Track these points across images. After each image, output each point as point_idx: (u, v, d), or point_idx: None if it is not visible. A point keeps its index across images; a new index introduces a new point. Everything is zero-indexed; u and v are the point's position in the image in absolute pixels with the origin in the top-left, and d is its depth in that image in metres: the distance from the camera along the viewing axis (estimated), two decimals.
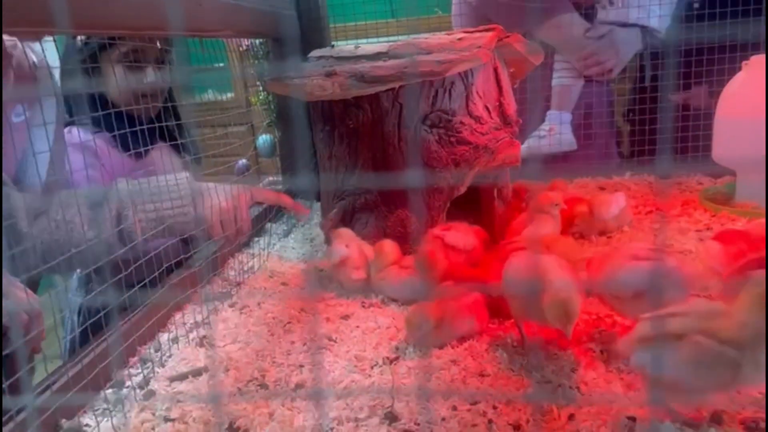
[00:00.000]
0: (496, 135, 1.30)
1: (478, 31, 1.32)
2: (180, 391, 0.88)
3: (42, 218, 1.08)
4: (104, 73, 1.46)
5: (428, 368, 0.89)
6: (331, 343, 0.99)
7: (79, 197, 1.06)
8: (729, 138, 1.47)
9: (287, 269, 1.36)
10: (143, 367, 0.95)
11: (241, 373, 0.92)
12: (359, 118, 1.29)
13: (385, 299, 1.15)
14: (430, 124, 1.26)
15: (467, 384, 0.83)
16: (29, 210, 1.07)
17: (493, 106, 1.34)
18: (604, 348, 0.90)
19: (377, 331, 1.02)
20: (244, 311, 1.15)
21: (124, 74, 1.47)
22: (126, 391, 0.89)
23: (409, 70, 1.17)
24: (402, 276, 1.13)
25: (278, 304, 1.16)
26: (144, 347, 1.02)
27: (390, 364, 0.92)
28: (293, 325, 1.08)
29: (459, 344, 0.95)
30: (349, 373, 0.90)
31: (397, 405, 0.80)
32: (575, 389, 0.80)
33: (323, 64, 1.32)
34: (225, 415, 0.80)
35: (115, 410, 0.84)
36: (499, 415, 0.76)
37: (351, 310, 1.11)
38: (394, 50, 1.26)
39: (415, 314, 0.95)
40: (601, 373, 0.84)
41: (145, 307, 1.06)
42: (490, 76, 1.35)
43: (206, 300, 1.17)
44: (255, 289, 1.25)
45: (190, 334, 1.06)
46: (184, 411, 0.83)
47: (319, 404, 0.82)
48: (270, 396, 0.85)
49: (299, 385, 0.87)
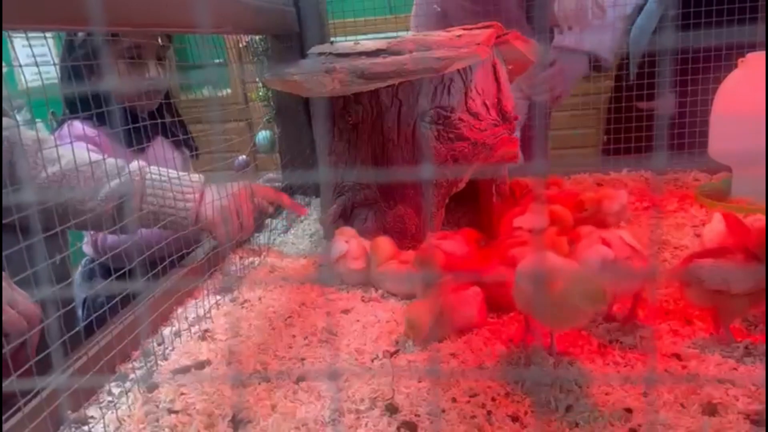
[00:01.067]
0: (494, 131, 1.31)
1: (476, 28, 1.33)
2: (183, 383, 0.90)
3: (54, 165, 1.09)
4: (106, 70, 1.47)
5: (428, 361, 0.90)
6: (331, 337, 1.01)
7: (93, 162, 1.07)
8: (725, 134, 1.49)
9: (287, 264, 1.37)
10: (146, 360, 0.96)
11: (243, 366, 0.93)
12: (359, 115, 1.30)
13: (384, 294, 1.17)
14: (429, 121, 1.27)
15: (467, 376, 0.84)
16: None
17: (491, 103, 1.35)
18: (601, 341, 0.91)
19: (377, 325, 1.04)
20: (245, 305, 1.16)
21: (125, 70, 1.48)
22: (129, 384, 0.90)
23: (408, 67, 1.18)
24: (401, 270, 1.15)
25: (279, 298, 1.18)
26: (147, 341, 1.03)
27: (390, 357, 0.93)
28: (294, 319, 1.09)
29: (458, 338, 0.96)
30: (350, 365, 0.91)
31: (398, 397, 0.81)
32: (573, 382, 0.81)
33: (323, 60, 1.32)
34: (228, 407, 0.82)
35: (119, 402, 0.85)
36: (498, 407, 0.77)
37: (351, 305, 1.13)
38: (393, 47, 1.27)
39: (414, 315, 0.95)
40: (598, 366, 0.85)
41: (148, 300, 1.07)
42: (488, 73, 1.36)
43: (208, 294, 1.18)
44: (256, 283, 1.26)
45: (192, 328, 1.07)
46: (187, 403, 0.84)
47: (321, 396, 0.83)
48: (272, 388, 0.86)
49: (301, 378, 0.89)
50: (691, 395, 0.76)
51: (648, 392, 0.78)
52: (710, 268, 0.85)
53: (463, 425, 0.74)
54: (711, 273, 0.85)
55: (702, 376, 0.80)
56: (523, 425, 0.74)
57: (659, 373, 0.82)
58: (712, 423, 0.71)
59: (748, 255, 0.85)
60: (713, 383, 0.78)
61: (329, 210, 1.36)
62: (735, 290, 0.84)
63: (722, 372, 0.81)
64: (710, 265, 0.86)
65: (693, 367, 0.82)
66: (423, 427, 0.75)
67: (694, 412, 0.73)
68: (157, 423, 0.81)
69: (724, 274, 0.84)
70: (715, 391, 0.76)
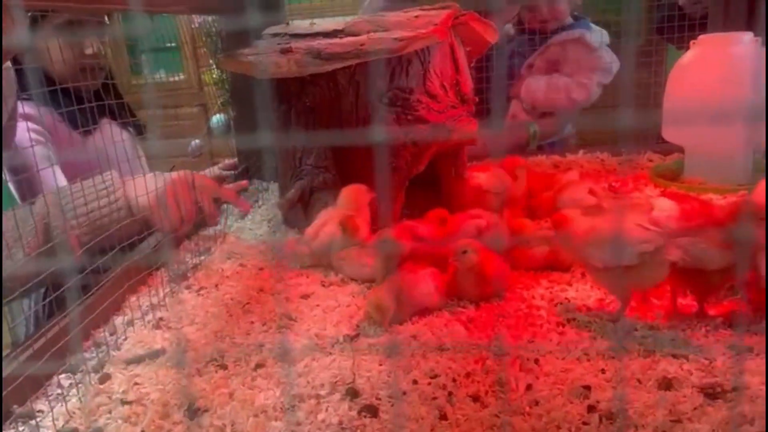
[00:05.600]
0: (452, 113, 1.31)
1: (434, 9, 1.32)
2: (137, 373, 0.87)
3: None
4: (41, 47, 1.39)
5: (389, 344, 0.89)
6: (291, 322, 0.99)
7: (5, 217, 1.01)
8: (678, 116, 1.51)
9: (245, 250, 1.34)
10: (98, 350, 0.93)
11: (200, 354, 0.90)
12: (316, 97, 1.28)
13: (344, 278, 1.15)
14: (387, 102, 1.26)
15: (427, 358, 0.84)
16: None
17: (449, 85, 1.35)
18: (559, 320, 0.92)
19: (338, 309, 1.02)
20: (201, 293, 1.13)
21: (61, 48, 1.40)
22: (80, 375, 0.87)
23: (366, 48, 1.16)
24: (362, 257, 1.13)
25: (236, 285, 1.15)
26: (98, 331, 1.00)
27: (351, 341, 0.92)
28: (252, 305, 1.06)
29: (419, 320, 0.96)
30: (311, 351, 0.89)
31: (359, 381, 0.80)
32: (532, 360, 0.82)
33: (278, 41, 1.29)
34: (184, 396, 0.79)
35: (69, 395, 0.82)
36: (458, 387, 0.77)
37: (311, 290, 1.11)
38: (351, 27, 1.24)
39: (377, 298, 0.95)
40: (556, 344, 0.86)
41: (99, 290, 1.03)
42: (446, 55, 1.35)
43: (162, 282, 1.15)
44: (212, 270, 1.23)
45: (146, 316, 1.04)
46: (141, 393, 0.81)
47: (280, 382, 0.81)
48: (230, 376, 0.84)
49: (259, 365, 0.87)
50: (648, 371, 0.77)
51: (606, 369, 0.79)
52: (687, 246, 0.85)
53: (424, 407, 0.74)
54: (688, 251, 0.85)
55: (657, 351, 0.81)
56: (484, 405, 0.74)
57: (616, 349, 0.83)
58: (667, 397, 0.72)
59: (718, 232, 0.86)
60: (668, 358, 0.79)
61: (287, 194, 1.34)
62: (710, 267, 0.85)
63: (676, 347, 0.82)
64: (687, 243, 0.86)
65: (649, 343, 0.84)
66: (384, 409, 0.74)
67: (651, 387, 0.74)
68: (109, 414, 0.78)
69: (700, 252, 0.85)
70: (670, 366, 0.78)
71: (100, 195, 1.10)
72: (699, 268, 0.85)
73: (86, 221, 1.08)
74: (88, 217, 1.08)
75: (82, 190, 1.09)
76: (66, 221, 1.05)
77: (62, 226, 1.05)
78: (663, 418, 0.69)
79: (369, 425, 0.72)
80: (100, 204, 1.10)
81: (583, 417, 0.70)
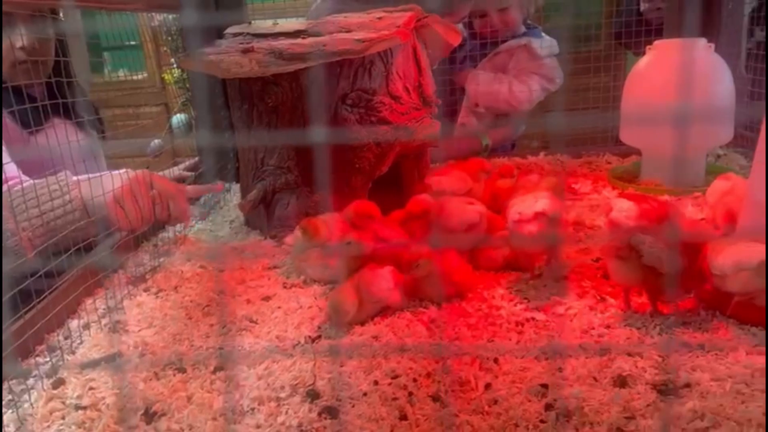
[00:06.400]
0: (415, 115, 1.32)
1: (397, 11, 1.32)
2: (92, 378, 0.85)
3: None
4: None
5: (350, 345, 0.89)
6: (252, 325, 0.98)
7: None
8: (634, 119, 1.55)
9: (205, 252, 1.32)
10: (51, 355, 0.90)
11: (158, 358, 0.89)
12: (278, 97, 1.27)
13: (307, 279, 1.15)
14: (350, 104, 1.26)
15: (388, 359, 0.84)
16: None
17: (412, 86, 1.35)
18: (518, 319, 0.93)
19: (299, 311, 1.02)
20: (159, 295, 1.11)
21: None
22: (33, 380, 0.84)
23: (328, 48, 1.16)
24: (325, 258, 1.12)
25: (196, 287, 1.13)
26: (52, 335, 0.97)
27: (312, 342, 0.91)
28: (212, 307, 1.05)
29: (381, 320, 0.96)
30: (270, 353, 0.89)
31: (319, 383, 0.80)
32: (492, 360, 0.82)
33: (240, 40, 1.28)
34: (141, 400, 0.78)
35: (20, 401, 0.80)
36: (419, 388, 0.78)
37: (272, 291, 1.10)
38: (313, 28, 1.24)
39: (337, 299, 0.94)
40: (515, 343, 0.87)
41: (53, 292, 1.01)
42: (409, 57, 1.35)
43: (120, 284, 1.13)
44: (172, 272, 1.21)
45: (102, 319, 1.02)
46: (96, 398, 0.80)
47: (240, 385, 0.81)
48: (188, 379, 0.83)
49: (218, 368, 0.86)
50: (604, 369, 0.79)
51: (563, 368, 0.80)
52: (650, 245, 0.87)
53: (384, 407, 0.74)
54: (650, 249, 0.87)
55: (613, 349, 0.83)
56: (444, 404, 0.74)
57: (573, 348, 0.84)
58: (622, 394, 0.73)
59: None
60: (623, 356, 0.81)
61: (249, 195, 1.33)
62: (666, 269, 0.86)
63: (631, 345, 0.84)
64: (650, 242, 0.87)
65: (605, 342, 0.85)
66: (344, 411, 0.74)
67: (606, 385, 0.76)
68: (63, 420, 0.76)
69: (660, 252, 0.87)
70: (625, 363, 0.79)
71: (54, 195, 1.07)
72: (653, 267, 0.87)
73: (39, 223, 1.05)
74: (41, 219, 1.05)
75: (35, 190, 1.06)
76: (17, 223, 1.02)
77: (13, 227, 1.01)
78: (617, 414, 0.70)
79: (329, 427, 0.72)
80: (54, 205, 1.06)
81: (540, 415, 0.71)
